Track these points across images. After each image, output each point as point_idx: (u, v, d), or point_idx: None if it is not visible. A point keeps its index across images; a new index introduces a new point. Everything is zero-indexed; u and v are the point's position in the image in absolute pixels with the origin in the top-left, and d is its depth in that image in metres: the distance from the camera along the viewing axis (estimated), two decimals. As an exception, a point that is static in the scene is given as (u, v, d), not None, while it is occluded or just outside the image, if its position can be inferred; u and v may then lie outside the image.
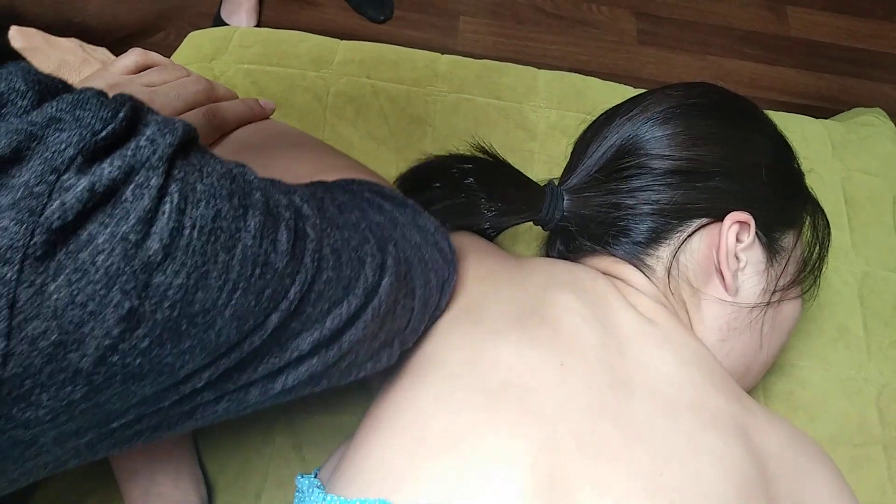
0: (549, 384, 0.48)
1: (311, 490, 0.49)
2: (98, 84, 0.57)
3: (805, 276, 0.64)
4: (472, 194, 0.59)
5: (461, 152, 0.60)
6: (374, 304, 0.42)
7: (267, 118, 0.62)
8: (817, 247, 0.65)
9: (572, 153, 0.66)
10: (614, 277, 0.59)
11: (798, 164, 0.65)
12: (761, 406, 0.54)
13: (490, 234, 0.62)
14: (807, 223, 0.64)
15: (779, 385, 0.74)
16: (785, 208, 0.62)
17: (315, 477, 0.52)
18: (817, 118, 0.93)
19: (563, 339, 0.50)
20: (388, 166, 0.75)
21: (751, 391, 0.73)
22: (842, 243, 0.82)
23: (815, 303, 0.78)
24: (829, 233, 0.65)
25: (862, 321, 0.78)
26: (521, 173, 0.63)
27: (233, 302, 0.32)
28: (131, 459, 0.56)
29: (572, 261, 0.63)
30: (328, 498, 0.46)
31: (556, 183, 0.63)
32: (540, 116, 0.83)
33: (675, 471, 0.46)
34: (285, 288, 0.35)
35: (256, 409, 0.41)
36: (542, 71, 0.87)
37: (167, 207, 0.29)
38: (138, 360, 0.30)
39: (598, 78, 0.89)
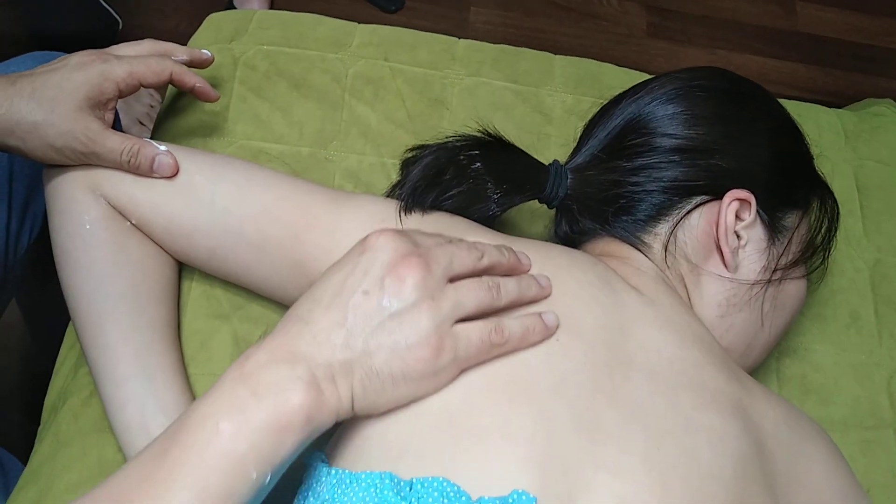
0: (544, 360, 0.48)
1: (315, 464, 0.50)
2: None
3: (811, 257, 0.65)
4: (479, 179, 0.60)
5: (467, 137, 0.61)
6: None
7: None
8: (824, 228, 0.65)
9: (580, 136, 0.68)
10: (613, 258, 0.60)
11: (806, 146, 0.66)
12: (759, 385, 0.55)
13: (496, 213, 0.62)
14: (815, 205, 0.65)
15: (792, 368, 0.75)
16: (789, 188, 0.62)
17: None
18: (827, 110, 0.93)
19: (559, 318, 0.50)
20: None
21: (764, 374, 0.74)
22: (854, 231, 0.83)
23: (829, 289, 0.79)
24: (837, 215, 0.66)
25: (873, 307, 0.79)
26: (526, 153, 0.64)
27: None
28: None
29: (573, 246, 0.64)
30: (333, 471, 0.46)
31: (562, 163, 0.64)
32: (556, 100, 0.84)
33: (672, 448, 0.46)
34: None
35: None
36: (558, 56, 0.88)
37: None
38: None
39: (610, 68, 0.89)
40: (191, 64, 0.67)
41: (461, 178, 0.59)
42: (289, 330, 0.45)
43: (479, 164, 0.59)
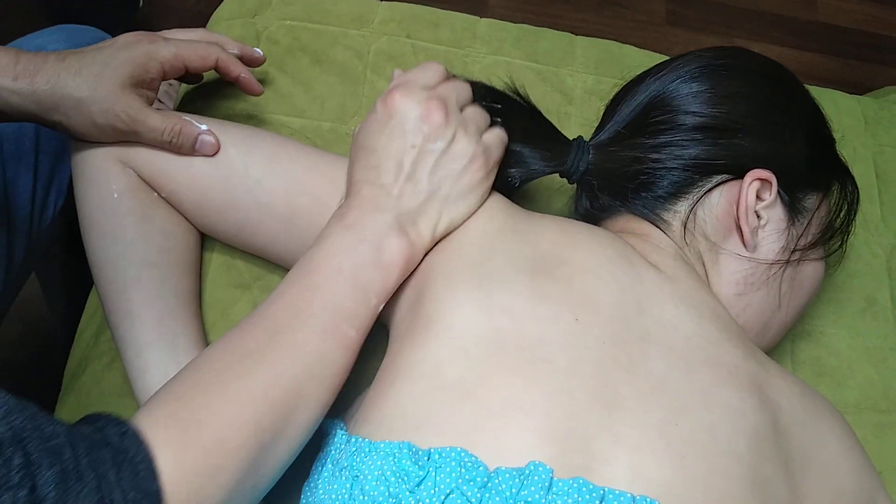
0: (562, 338, 0.48)
1: (334, 432, 0.50)
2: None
3: (830, 240, 0.65)
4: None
5: (496, 87, 0.61)
6: None
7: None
8: (843, 211, 0.65)
9: (604, 113, 0.68)
10: (633, 235, 0.60)
11: (829, 129, 0.66)
12: (775, 363, 0.55)
13: (514, 184, 0.62)
14: (835, 188, 0.65)
15: (807, 351, 0.75)
16: (810, 170, 0.62)
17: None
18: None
19: (576, 295, 0.51)
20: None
21: (779, 356, 0.74)
22: (872, 216, 0.83)
23: (845, 273, 0.79)
24: (857, 199, 0.66)
25: (889, 293, 0.79)
26: (550, 123, 0.64)
27: None
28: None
29: (593, 223, 0.64)
30: (353, 439, 0.47)
31: (585, 139, 0.65)
32: (577, 81, 0.84)
33: (689, 423, 0.47)
34: None
35: None
36: (578, 37, 0.88)
37: None
38: None
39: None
40: (241, 59, 0.68)
41: None
42: (364, 194, 0.54)
43: (498, 120, 0.59)
